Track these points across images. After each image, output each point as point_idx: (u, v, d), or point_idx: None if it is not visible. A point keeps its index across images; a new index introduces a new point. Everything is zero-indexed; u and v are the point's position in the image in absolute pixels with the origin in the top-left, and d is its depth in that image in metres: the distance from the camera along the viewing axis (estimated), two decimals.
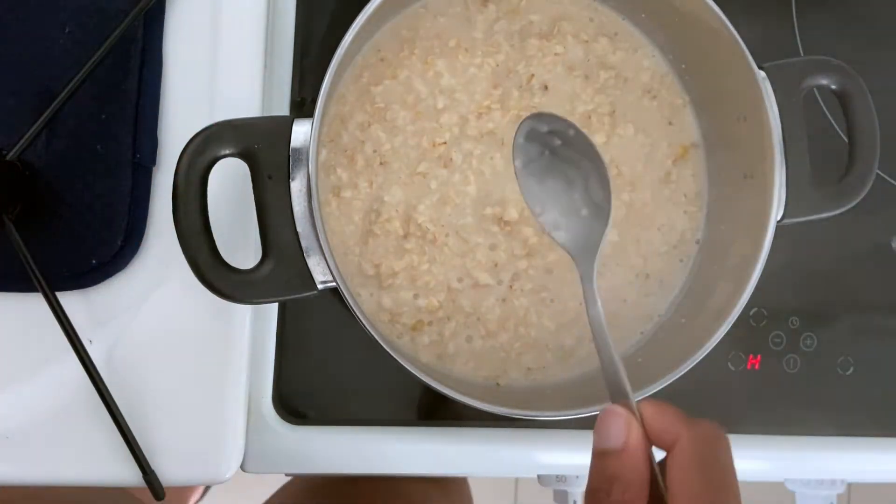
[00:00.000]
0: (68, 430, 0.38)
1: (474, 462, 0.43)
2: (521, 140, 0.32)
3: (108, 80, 0.38)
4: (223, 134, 0.32)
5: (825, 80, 0.37)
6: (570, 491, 0.44)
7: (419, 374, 0.33)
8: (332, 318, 0.42)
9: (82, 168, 0.38)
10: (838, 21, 0.47)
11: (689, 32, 0.39)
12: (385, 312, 0.39)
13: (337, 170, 0.39)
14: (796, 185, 0.36)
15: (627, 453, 0.25)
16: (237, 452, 0.39)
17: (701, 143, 0.42)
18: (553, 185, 0.32)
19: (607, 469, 0.25)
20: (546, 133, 0.32)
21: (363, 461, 0.42)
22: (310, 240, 0.32)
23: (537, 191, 0.32)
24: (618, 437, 0.25)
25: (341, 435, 0.42)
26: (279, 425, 0.42)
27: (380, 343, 0.33)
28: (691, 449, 0.25)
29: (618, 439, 0.25)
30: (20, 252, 0.36)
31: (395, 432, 0.42)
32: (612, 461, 0.25)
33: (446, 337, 0.39)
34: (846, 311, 0.45)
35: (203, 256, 0.32)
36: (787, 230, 0.36)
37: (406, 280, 0.39)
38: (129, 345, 0.38)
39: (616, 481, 0.24)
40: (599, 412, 0.27)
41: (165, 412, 0.38)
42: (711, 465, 0.24)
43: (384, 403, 0.43)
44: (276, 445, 0.41)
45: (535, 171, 0.32)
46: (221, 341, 0.38)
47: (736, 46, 0.36)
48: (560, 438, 0.43)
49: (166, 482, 0.37)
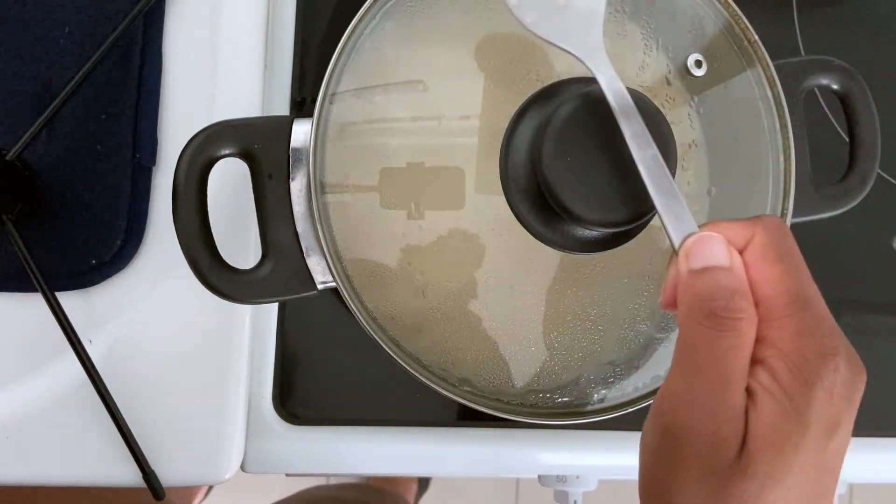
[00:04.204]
0: (68, 430, 0.38)
1: (475, 462, 0.43)
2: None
3: (108, 80, 0.38)
4: (223, 134, 0.32)
5: (826, 79, 0.37)
6: (571, 491, 0.44)
7: (419, 375, 0.33)
8: (332, 318, 0.42)
9: (82, 168, 0.38)
10: (839, 21, 0.47)
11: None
12: (385, 312, 0.39)
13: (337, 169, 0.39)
14: (797, 185, 0.36)
15: (735, 268, 0.25)
16: (237, 452, 0.39)
17: (701, 143, 0.42)
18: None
19: (721, 281, 0.25)
20: None
21: (363, 461, 0.42)
22: (310, 240, 0.32)
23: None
24: (722, 256, 0.26)
25: (341, 435, 0.42)
26: (279, 425, 0.42)
27: (380, 343, 0.33)
28: (766, 242, 0.25)
29: (723, 257, 0.26)
30: (20, 252, 0.36)
31: (395, 432, 0.42)
32: (725, 275, 0.25)
33: (447, 338, 0.39)
34: (847, 311, 0.45)
35: (203, 256, 0.32)
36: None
37: (407, 280, 0.39)
38: (129, 345, 0.38)
39: (735, 293, 0.25)
40: (688, 240, 0.26)
41: (165, 412, 0.38)
42: (789, 251, 0.25)
43: (384, 403, 0.43)
44: (276, 445, 0.41)
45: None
46: (221, 341, 0.38)
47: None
48: (561, 439, 0.43)
49: (166, 482, 0.37)
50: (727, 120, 0.39)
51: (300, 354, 0.42)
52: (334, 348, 0.42)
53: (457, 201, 0.39)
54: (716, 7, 0.37)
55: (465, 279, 0.39)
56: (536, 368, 0.40)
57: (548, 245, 0.34)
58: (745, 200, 0.38)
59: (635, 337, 0.41)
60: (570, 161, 0.30)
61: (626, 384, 0.37)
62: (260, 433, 0.41)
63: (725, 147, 0.41)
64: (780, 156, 0.36)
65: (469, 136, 0.40)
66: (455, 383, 0.37)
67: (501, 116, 0.40)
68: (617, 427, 0.41)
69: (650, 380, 0.36)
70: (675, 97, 0.42)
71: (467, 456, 0.43)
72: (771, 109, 0.36)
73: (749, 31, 0.36)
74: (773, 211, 0.36)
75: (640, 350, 0.41)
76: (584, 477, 0.44)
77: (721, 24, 0.37)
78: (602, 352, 0.38)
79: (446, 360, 0.39)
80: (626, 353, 0.40)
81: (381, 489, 0.86)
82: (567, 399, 0.38)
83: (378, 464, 0.42)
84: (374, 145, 0.39)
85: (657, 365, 0.36)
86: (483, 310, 0.39)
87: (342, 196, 0.39)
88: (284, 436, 0.41)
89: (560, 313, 0.40)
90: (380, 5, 0.35)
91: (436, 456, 0.42)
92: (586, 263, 0.37)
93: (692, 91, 0.42)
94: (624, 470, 0.44)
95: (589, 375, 0.40)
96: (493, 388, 0.39)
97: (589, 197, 0.30)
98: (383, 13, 0.38)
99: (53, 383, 0.38)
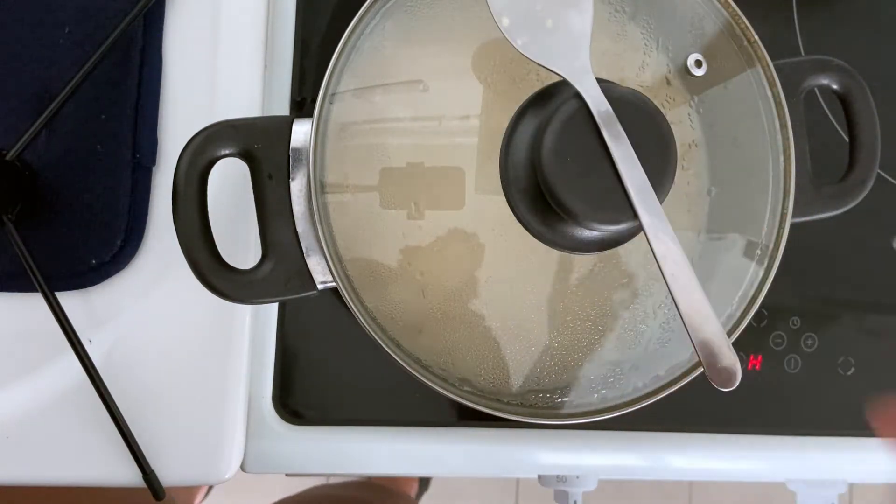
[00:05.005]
0: (68, 429, 0.38)
1: (475, 462, 0.43)
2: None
3: (108, 80, 0.38)
4: (223, 134, 0.32)
5: (826, 79, 0.37)
6: (571, 491, 0.44)
7: (419, 375, 0.33)
8: (332, 318, 0.42)
9: (82, 168, 0.38)
10: (839, 20, 0.47)
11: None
12: (385, 312, 0.39)
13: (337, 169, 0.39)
14: (797, 185, 0.36)
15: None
16: (237, 452, 0.39)
17: (701, 143, 0.42)
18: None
19: None
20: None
21: (363, 461, 0.42)
22: (310, 240, 0.32)
23: None
24: None
25: (341, 435, 0.42)
26: (279, 425, 0.41)
27: (380, 343, 0.33)
28: None
29: None
30: (20, 252, 0.36)
31: (396, 432, 0.42)
32: None
33: (447, 337, 0.39)
34: (847, 312, 0.45)
35: (203, 256, 0.32)
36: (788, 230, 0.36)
37: (407, 280, 0.39)
38: (129, 345, 0.38)
39: None
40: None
41: (165, 412, 0.38)
42: None
43: (384, 403, 0.43)
44: (276, 445, 0.41)
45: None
46: (221, 341, 0.38)
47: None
48: (561, 439, 0.43)
49: (166, 482, 0.37)
50: (727, 120, 0.39)
51: (300, 354, 0.42)
52: (334, 348, 0.42)
53: (457, 201, 0.39)
54: (716, 7, 0.37)
55: (465, 279, 0.39)
56: (536, 368, 0.40)
57: (548, 245, 0.34)
58: (745, 200, 0.38)
59: (635, 337, 0.41)
60: (570, 161, 0.30)
61: (626, 384, 0.37)
62: (260, 433, 0.41)
63: (725, 147, 0.40)
64: (780, 156, 0.36)
65: (469, 136, 0.40)
66: (455, 383, 0.37)
67: (501, 116, 0.40)
68: (617, 427, 0.41)
69: (650, 380, 0.36)
70: (675, 97, 0.42)
71: (467, 456, 0.43)
72: (771, 109, 0.36)
73: (749, 31, 0.36)
74: (773, 211, 0.36)
75: (640, 350, 0.41)
76: (584, 477, 0.44)
77: (721, 24, 0.37)
78: (602, 352, 0.38)
79: (446, 360, 0.39)
80: (626, 353, 0.40)
81: (385, 487, 0.86)
82: (567, 399, 0.38)
83: (378, 464, 0.42)
84: (374, 145, 0.39)
85: (657, 365, 0.36)
86: (483, 310, 0.39)
87: (342, 196, 0.39)
88: (284, 436, 0.41)
89: (560, 313, 0.40)
90: (380, 5, 0.35)
91: (436, 456, 0.42)
92: (586, 263, 0.37)
93: (692, 91, 0.42)
94: (624, 470, 0.44)
95: (589, 375, 0.40)
96: (493, 388, 0.39)
97: (589, 197, 0.30)
98: (383, 13, 0.38)
99: (53, 383, 0.38)
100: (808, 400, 0.45)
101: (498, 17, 0.31)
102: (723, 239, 0.40)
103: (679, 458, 0.44)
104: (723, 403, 0.44)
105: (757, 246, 0.37)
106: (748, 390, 0.44)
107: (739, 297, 0.37)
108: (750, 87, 0.36)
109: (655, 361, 0.38)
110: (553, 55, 0.30)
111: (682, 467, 0.44)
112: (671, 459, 0.44)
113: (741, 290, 0.36)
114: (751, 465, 0.44)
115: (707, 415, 0.44)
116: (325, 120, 0.36)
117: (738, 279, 0.37)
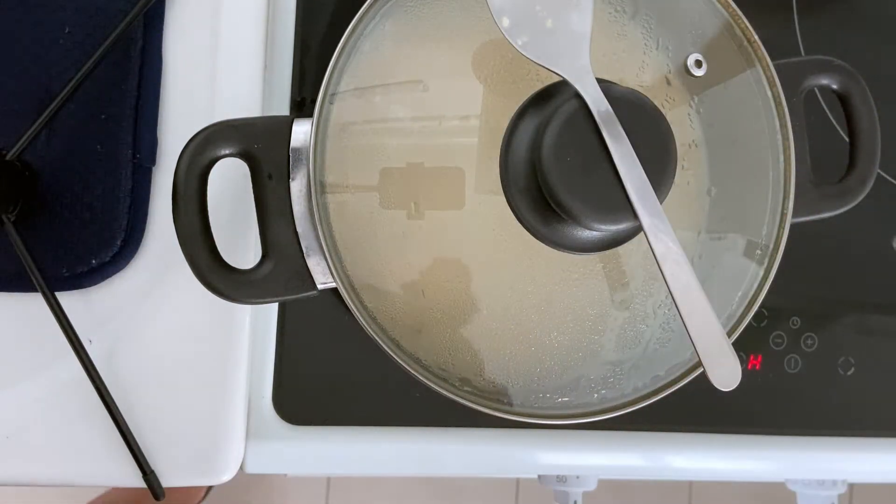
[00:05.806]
0: (68, 430, 0.38)
1: (475, 462, 0.43)
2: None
3: (108, 80, 0.38)
4: (223, 134, 0.32)
5: (826, 79, 0.37)
6: (571, 491, 0.44)
7: (419, 375, 0.33)
8: (332, 318, 0.42)
9: (82, 168, 0.38)
10: (839, 21, 0.47)
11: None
12: (385, 313, 0.39)
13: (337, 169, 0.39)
14: (797, 185, 0.36)
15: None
16: (237, 452, 0.39)
17: (701, 143, 0.42)
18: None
19: None
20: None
21: (363, 461, 0.42)
22: (310, 240, 0.32)
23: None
24: None
25: (341, 435, 0.42)
26: (279, 425, 0.41)
27: (380, 343, 0.33)
28: None
29: None
30: (20, 252, 0.36)
31: (395, 432, 0.42)
32: None
33: (447, 337, 0.39)
34: (847, 311, 0.45)
35: (203, 256, 0.32)
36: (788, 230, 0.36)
37: (407, 280, 0.39)
38: (129, 345, 0.38)
39: None
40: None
41: (165, 412, 0.38)
42: None
43: (384, 403, 0.43)
44: (276, 445, 0.41)
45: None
46: (221, 341, 0.38)
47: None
48: (561, 439, 0.43)
49: (166, 482, 0.37)
50: (727, 120, 0.39)
51: (300, 354, 0.42)
52: (334, 348, 0.42)
53: (457, 201, 0.39)
54: (716, 7, 0.37)
55: (464, 279, 0.39)
56: (536, 368, 0.40)
57: (548, 245, 0.34)
58: (745, 200, 0.38)
59: (635, 337, 0.41)
60: (570, 161, 0.30)
61: (626, 384, 0.37)
62: (260, 433, 0.41)
63: (725, 147, 0.40)
64: (780, 156, 0.36)
65: (469, 136, 0.40)
66: (455, 383, 0.37)
67: (501, 116, 0.40)
68: (617, 427, 0.41)
69: (650, 380, 0.36)
70: (675, 97, 0.42)
71: (467, 456, 0.43)
72: (771, 109, 0.36)
73: (749, 31, 0.36)
74: (773, 211, 0.36)
75: (640, 350, 0.41)
76: (584, 477, 0.44)
77: (721, 24, 0.37)
78: (602, 352, 0.38)
79: (446, 360, 0.39)
80: (626, 353, 0.40)
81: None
82: (567, 399, 0.38)
83: (378, 464, 0.42)
84: (374, 145, 0.39)
85: (657, 365, 0.36)
86: (483, 310, 0.39)
87: (342, 196, 0.39)
88: (284, 436, 0.41)
89: (560, 313, 0.40)
90: (380, 6, 0.35)
91: (436, 456, 0.42)
92: (586, 263, 0.37)
93: (692, 91, 0.42)
94: (624, 470, 0.44)
95: (589, 375, 0.40)
96: (493, 388, 0.39)
97: (589, 197, 0.30)
98: (383, 13, 0.38)
99: (53, 383, 0.38)
100: (808, 400, 0.45)
101: (498, 18, 0.31)
102: (723, 239, 0.40)
103: (679, 458, 0.44)
104: (723, 403, 0.44)
105: (757, 246, 0.37)
106: (748, 390, 0.44)
107: (739, 297, 0.37)
108: (750, 87, 0.36)
109: (655, 361, 0.38)
110: (553, 55, 0.31)
111: (682, 467, 0.44)
112: (671, 459, 0.44)
113: (741, 290, 0.36)
114: (751, 465, 0.44)
115: (707, 415, 0.44)
116: (325, 120, 0.36)
117: (738, 279, 0.37)
